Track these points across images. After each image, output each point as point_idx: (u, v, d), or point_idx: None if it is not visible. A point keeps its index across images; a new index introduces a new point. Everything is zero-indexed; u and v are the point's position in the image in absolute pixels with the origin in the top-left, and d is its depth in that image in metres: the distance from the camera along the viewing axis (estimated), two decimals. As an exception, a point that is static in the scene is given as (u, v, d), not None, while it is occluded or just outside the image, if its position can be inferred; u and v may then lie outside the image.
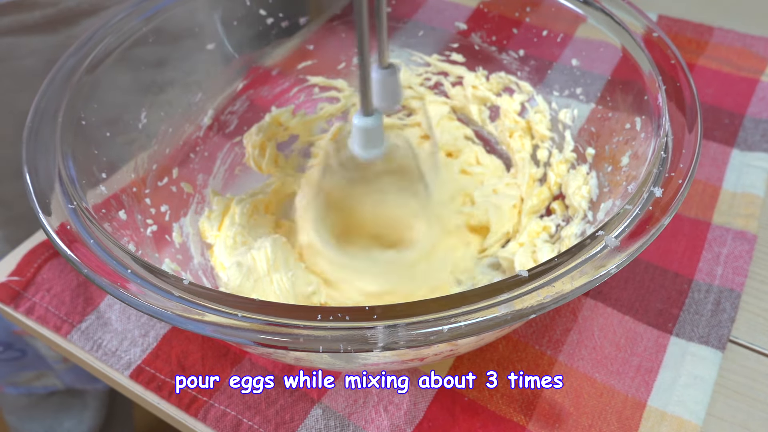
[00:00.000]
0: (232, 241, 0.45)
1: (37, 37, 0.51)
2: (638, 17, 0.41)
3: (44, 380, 0.74)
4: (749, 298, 0.43)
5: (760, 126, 0.54)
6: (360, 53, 0.33)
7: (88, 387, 0.76)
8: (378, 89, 0.39)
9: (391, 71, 0.39)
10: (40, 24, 0.51)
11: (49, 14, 0.50)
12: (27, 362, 0.71)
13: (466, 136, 0.54)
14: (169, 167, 0.46)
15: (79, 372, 0.72)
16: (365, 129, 0.37)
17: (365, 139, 0.37)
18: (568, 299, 0.27)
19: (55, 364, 0.70)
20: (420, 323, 0.26)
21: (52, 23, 0.51)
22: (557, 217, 0.46)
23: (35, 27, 0.50)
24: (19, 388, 0.75)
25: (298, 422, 0.38)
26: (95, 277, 0.29)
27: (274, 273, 0.42)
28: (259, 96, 0.53)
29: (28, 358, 0.70)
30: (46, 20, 0.51)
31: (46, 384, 0.74)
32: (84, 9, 0.52)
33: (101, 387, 0.78)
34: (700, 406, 0.38)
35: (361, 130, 0.37)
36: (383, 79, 0.39)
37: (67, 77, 0.39)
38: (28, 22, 0.51)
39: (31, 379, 0.74)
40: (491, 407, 0.38)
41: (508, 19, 0.50)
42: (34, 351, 0.68)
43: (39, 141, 0.35)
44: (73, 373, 0.72)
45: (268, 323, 0.27)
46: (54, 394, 0.76)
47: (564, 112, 0.48)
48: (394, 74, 0.40)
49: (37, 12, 0.50)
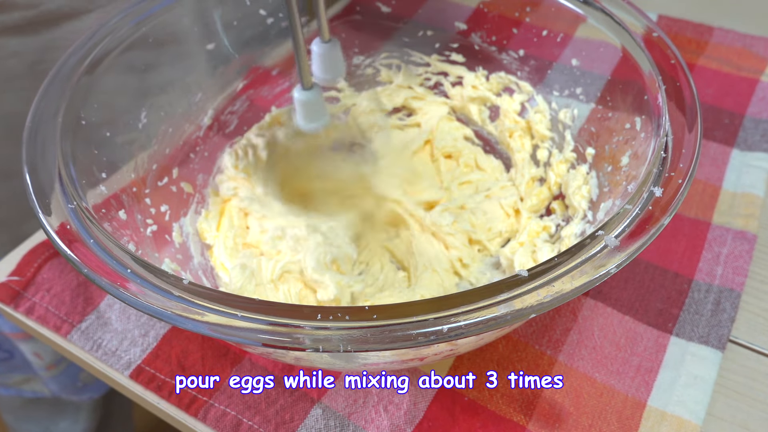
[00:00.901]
0: (232, 243, 0.45)
1: (17, 39, 0.50)
2: (638, 17, 0.41)
3: (32, 385, 0.73)
4: (749, 298, 0.43)
5: (760, 126, 0.54)
6: (292, 29, 0.35)
7: (74, 398, 0.75)
8: (320, 63, 0.42)
9: (332, 44, 0.41)
10: (20, 26, 0.50)
11: (29, 16, 0.50)
12: (15, 364, 0.71)
13: (465, 136, 0.54)
14: (169, 167, 0.46)
15: (64, 382, 0.72)
16: (305, 102, 0.39)
17: (305, 111, 0.39)
18: (568, 299, 0.27)
19: (40, 371, 0.69)
20: (420, 323, 0.26)
21: (33, 25, 0.50)
22: (557, 217, 0.46)
23: (15, 28, 0.50)
24: (10, 389, 0.74)
25: (298, 422, 0.38)
26: (95, 277, 0.29)
27: (281, 284, 0.43)
28: (259, 96, 0.53)
29: (16, 360, 0.70)
30: (26, 22, 0.50)
31: (35, 389, 0.74)
32: (65, 12, 0.51)
33: (87, 399, 0.77)
34: (700, 406, 0.38)
35: (301, 103, 0.39)
36: (325, 53, 0.41)
37: (67, 77, 0.39)
38: (7, 23, 0.50)
39: (20, 382, 0.73)
40: (491, 407, 0.38)
41: (508, 19, 0.50)
42: (21, 354, 0.68)
43: (39, 141, 0.35)
44: (58, 382, 0.71)
45: (268, 323, 0.27)
46: (45, 399, 0.76)
47: (564, 112, 0.48)
48: (335, 47, 0.41)
49: (16, 13, 0.49)
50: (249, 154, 0.49)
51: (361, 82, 0.56)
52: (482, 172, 0.52)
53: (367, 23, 0.55)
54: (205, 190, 0.49)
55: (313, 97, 0.39)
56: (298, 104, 0.39)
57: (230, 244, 0.45)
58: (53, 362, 0.68)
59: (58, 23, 0.51)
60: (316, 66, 0.42)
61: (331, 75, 0.42)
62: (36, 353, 0.66)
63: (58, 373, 0.70)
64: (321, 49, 0.41)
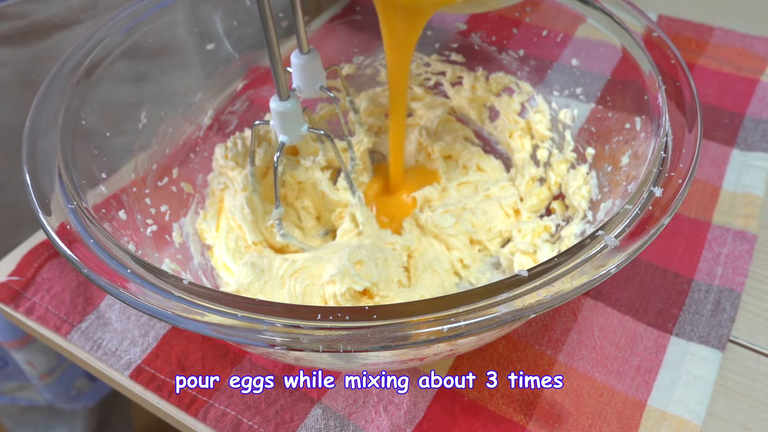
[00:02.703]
0: (234, 244, 0.45)
1: (6, 49, 0.50)
2: (638, 17, 0.41)
3: (27, 392, 0.73)
4: (749, 298, 0.43)
5: (760, 126, 0.54)
6: (267, 41, 0.35)
7: (68, 407, 0.75)
8: (299, 74, 0.42)
9: (311, 56, 0.42)
10: (10, 36, 0.49)
11: (18, 26, 0.49)
12: (9, 372, 0.70)
13: (465, 136, 0.54)
14: (169, 167, 0.46)
15: (58, 390, 0.71)
16: (281, 113, 0.39)
17: (282, 122, 0.40)
18: (568, 299, 0.27)
19: (34, 380, 0.69)
20: (420, 323, 0.26)
21: (23, 35, 0.50)
22: (557, 217, 0.46)
23: (5, 39, 0.49)
24: (4, 396, 0.74)
25: (298, 422, 0.38)
26: (95, 277, 0.29)
27: (289, 279, 0.42)
28: (259, 96, 0.53)
29: (10, 368, 0.70)
30: (15, 32, 0.49)
31: (29, 397, 0.73)
32: (55, 22, 0.51)
33: (81, 407, 0.76)
34: (700, 406, 0.38)
35: (278, 114, 0.39)
36: (304, 64, 0.42)
37: (67, 77, 0.39)
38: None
39: (14, 390, 0.73)
40: (491, 407, 0.38)
41: (508, 19, 0.50)
42: (15, 363, 0.68)
43: (39, 141, 0.35)
44: (51, 391, 0.71)
45: (268, 323, 0.27)
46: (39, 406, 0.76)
47: (564, 112, 0.48)
48: (314, 58, 0.42)
49: (6, 24, 0.49)
50: (238, 144, 0.49)
51: (361, 82, 0.56)
52: (482, 172, 0.52)
53: (367, 23, 0.55)
54: (205, 190, 0.49)
55: (290, 107, 0.39)
56: (275, 115, 0.39)
57: (233, 246, 0.45)
58: (47, 371, 0.68)
59: (49, 34, 0.51)
60: (296, 77, 0.42)
61: (309, 86, 0.43)
62: (29, 362, 0.66)
63: (52, 382, 0.70)
64: (300, 60, 0.41)
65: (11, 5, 0.48)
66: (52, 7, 0.50)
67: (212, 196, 0.48)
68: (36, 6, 0.49)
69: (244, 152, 0.49)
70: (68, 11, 0.50)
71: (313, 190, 0.49)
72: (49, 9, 0.49)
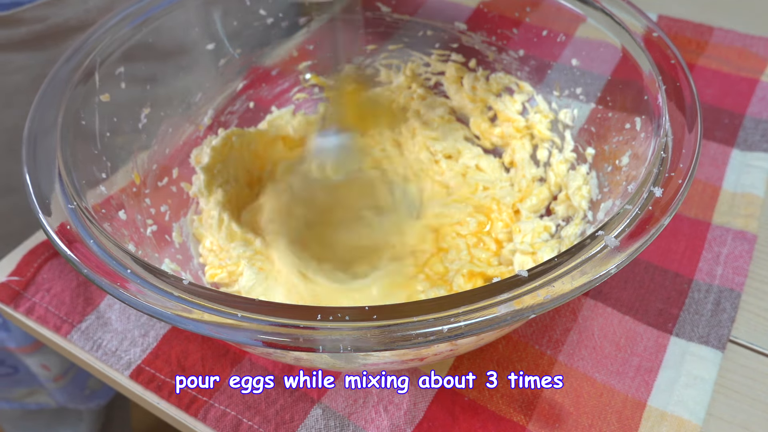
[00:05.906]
0: (217, 247, 0.45)
1: (24, 54, 0.50)
2: (638, 17, 0.41)
3: (37, 397, 0.73)
4: (749, 298, 0.43)
5: (760, 126, 0.54)
6: None
7: (81, 407, 0.75)
8: None
9: None
10: (27, 40, 0.49)
11: (36, 30, 0.49)
12: (19, 378, 0.70)
13: (465, 136, 0.54)
14: (169, 167, 0.46)
15: (72, 391, 0.71)
16: None
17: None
18: (568, 299, 0.27)
19: (47, 383, 0.69)
20: (420, 323, 0.26)
21: (40, 39, 0.50)
22: (557, 217, 0.46)
23: (21, 43, 0.49)
24: (12, 403, 0.74)
25: (298, 422, 0.38)
26: (95, 277, 0.29)
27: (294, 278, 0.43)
28: (259, 96, 0.53)
29: (20, 374, 0.70)
30: (33, 36, 0.49)
31: (39, 401, 0.73)
32: (72, 25, 0.51)
33: (94, 406, 0.76)
34: (700, 406, 0.38)
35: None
36: None
37: (67, 78, 0.39)
38: (14, 38, 0.50)
39: (23, 396, 0.73)
40: (491, 407, 0.38)
41: (508, 19, 0.50)
42: (26, 368, 0.68)
43: (39, 141, 0.35)
44: (65, 392, 0.71)
45: (268, 323, 0.27)
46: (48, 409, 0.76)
47: (564, 112, 0.48)
48: None
49: (24, 28, 0.49)
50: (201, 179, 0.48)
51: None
52: (482, 172, 0.52)
53: (367, 23, 0.55)
54: (205, 190, 0.48)
55: None
56: None
57: (215, 247, 0.45)
58: (61, 373, 0.68)
59: (66, 37, 0.51)
60: None
61: None
62: (43, 365, 0.66)
63: (66, 383, 0.70)
64: None
65: (28, 10, 0.48)
66: (68, 11, 0.50)
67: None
68: (53, 9, 0.49)
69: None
70: (85, 13, 0.50)
71: None
72: (65, 12, 0.50)
